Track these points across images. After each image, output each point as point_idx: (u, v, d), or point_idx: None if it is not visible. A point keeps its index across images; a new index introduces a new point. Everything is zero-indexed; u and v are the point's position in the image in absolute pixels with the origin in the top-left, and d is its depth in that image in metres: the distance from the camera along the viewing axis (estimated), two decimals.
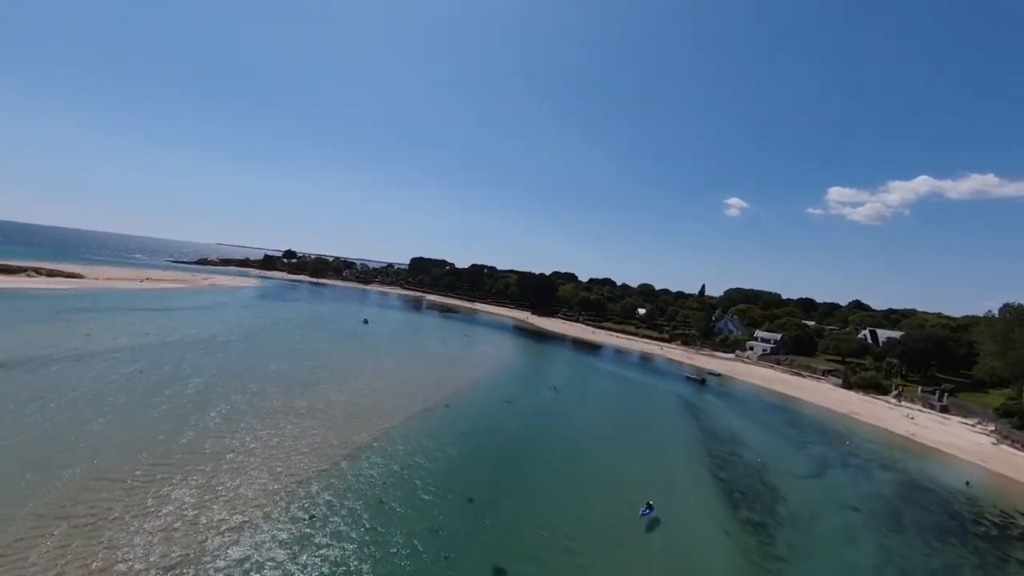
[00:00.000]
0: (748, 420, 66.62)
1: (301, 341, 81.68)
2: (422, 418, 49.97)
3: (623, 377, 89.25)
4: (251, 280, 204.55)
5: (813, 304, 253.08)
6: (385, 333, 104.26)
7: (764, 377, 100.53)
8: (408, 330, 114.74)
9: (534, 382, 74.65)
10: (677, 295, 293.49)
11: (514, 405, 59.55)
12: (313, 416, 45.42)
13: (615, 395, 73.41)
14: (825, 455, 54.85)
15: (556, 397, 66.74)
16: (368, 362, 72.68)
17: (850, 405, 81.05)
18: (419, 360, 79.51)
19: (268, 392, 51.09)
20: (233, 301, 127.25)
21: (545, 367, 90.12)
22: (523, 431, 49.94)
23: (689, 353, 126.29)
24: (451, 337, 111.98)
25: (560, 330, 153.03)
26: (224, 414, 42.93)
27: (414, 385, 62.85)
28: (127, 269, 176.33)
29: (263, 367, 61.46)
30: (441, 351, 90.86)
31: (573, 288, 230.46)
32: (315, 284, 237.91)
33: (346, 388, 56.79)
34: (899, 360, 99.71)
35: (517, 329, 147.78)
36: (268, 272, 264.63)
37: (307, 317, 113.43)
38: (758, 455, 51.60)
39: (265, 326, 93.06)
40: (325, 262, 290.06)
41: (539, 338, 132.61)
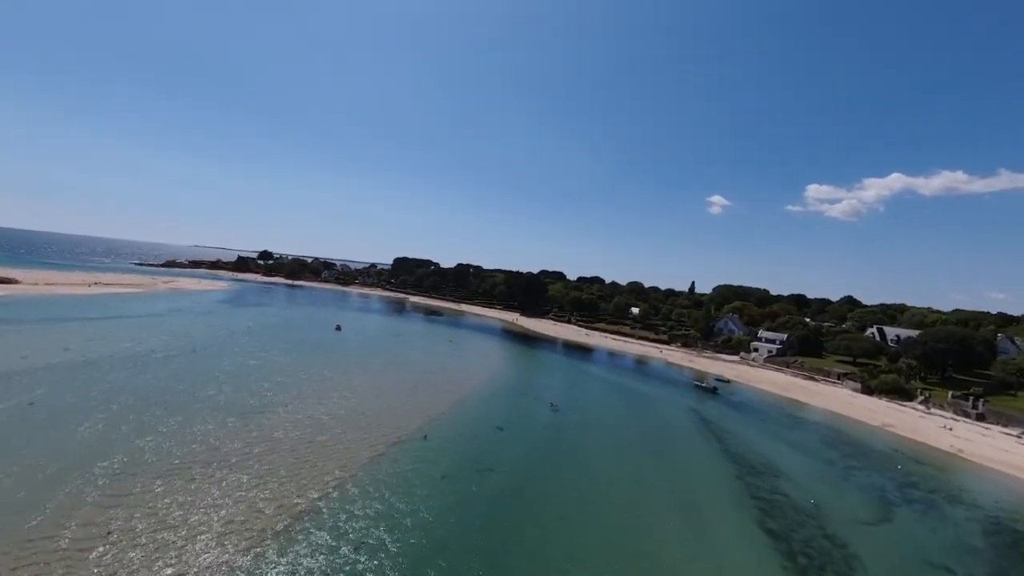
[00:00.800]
0: (777, 440, 57.38)
1: (258, 355, 70.02)
2: (392, 457, 39.29)
3: (627, 388, 79.59)
4: (220, 283, 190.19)
5: (805, 300, 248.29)
6: (360, 341, 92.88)
7: (776, 383, 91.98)
8: (386, 337, 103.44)
9: (528, 398, 64.39)
10: (667, 293, 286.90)
11: (507, 432, 49.15)
12: (245, 467, 34.32)
13: (622, 413, 63.59)
14: (880, 487, 45.72)
15: (555, 419, 56.56)
16: (335, 379, 61.53)
17: (879, 415, 72.71)
18: (395, 374, 68.59)
19: (192, 431, 39.75)
20: (191, 307, 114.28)
21: (539, 378, 79.97)
22: (520, 472, 39.59)
23: (691, 356, 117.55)
24: (434, 344, 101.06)
25: (552, 332, 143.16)
26: (114, 472, 31.58)
27: (387, 408, 52.01)
28: (78, 273, 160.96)
29: (198, 392, 49.90)
30: (422, 362, 79.97)
31: (563, 287, 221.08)
32: (291, 287, 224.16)
33: (301, 418, 45.69)
34: (918, 361, 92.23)
35: (506, 332, 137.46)
36: (241, 274, 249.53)
37: (272, 324, 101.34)
38: (805, 491, 42.17)
39: (219, 336, 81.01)
40: (303, 263, 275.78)
41: (530, 342, 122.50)
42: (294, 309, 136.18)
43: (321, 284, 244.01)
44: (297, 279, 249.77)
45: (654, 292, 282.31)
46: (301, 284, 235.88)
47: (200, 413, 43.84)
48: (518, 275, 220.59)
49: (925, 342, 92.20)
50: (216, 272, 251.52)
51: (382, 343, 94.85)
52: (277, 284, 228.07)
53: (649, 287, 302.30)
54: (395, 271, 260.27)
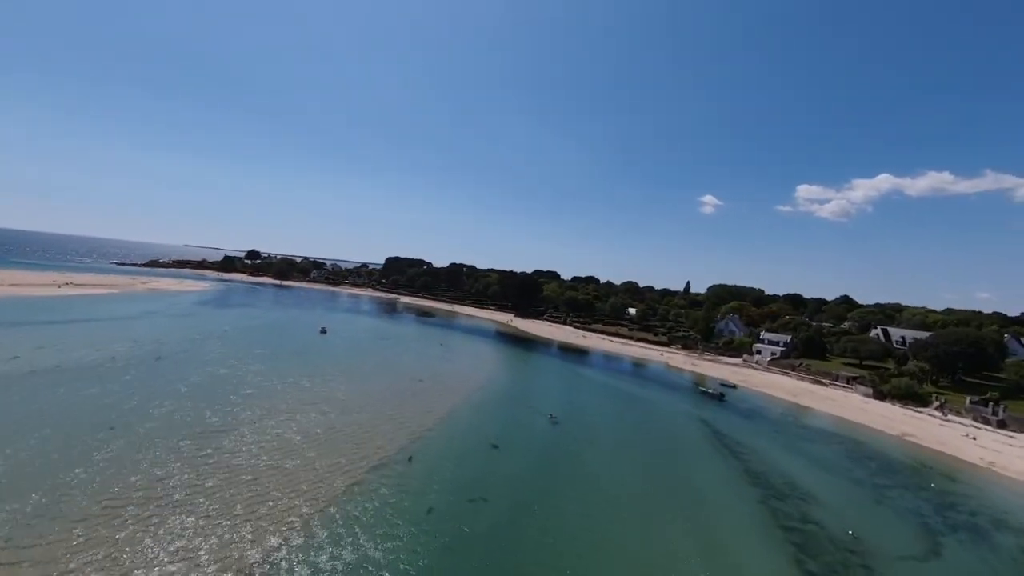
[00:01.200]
0: (796, 454, 52.62)
1: (230, 362, 64.10)
2: (371, 486, 33.87)
3: (629, 395, 74.63)
4: (203, 284, 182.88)
5: (801, 300, 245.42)
6: (345, 345, 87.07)
7: (783, 387, 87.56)
8: (374, 340, 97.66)
9: (525, 409, 59.12)
10: (663, 293, 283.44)
11: (502, 451, 43.87)
12: (192, 505, 28.73)
13: (628, 424, 58.54)
14: (918, 511, 41.04)
15: (555, 432, 51.37)
16: (314, 389, 55.84)
17: (896, 423, 68.40)
18: (381, 382, 63.01)
19: (135, 458, 34.03)
20: (167, 309, 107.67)
21: (536, 385, 74.74)
22: (519, 502, 34.34)
23: (692, 359, 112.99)
24: (424, 348, 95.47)
25: (547, 334, 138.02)
26: (24, 518, 25.87)
27: (369, 423, 46.51)
28: (52, 273, 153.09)
29: (153, 408, 44.06)
30: (411, 367, 74.40)
31: (558, 287, 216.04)
32: (279, 287, 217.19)
33: (268, 438, 40.05)
34: (929, 364, 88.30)
35: (500, 335, 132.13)
36: (227, 274, 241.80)
37: (252, 327, 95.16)
38: (839, 519, 37.34)
39: (192, 342, 74.87)
40: (292, 263, 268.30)
41: (525, 345, 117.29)
42: (278, 311, 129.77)
43: (310, 284, 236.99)
44: (285, 279, 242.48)
45: (649, 292, 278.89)
46: (289, 284, 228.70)
47: (150, 435, 38.06)
48: (512, 275, 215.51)
49: (937, 344, 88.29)
50: (201, 272, 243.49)
51: (369, 347, 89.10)
52: (264, 284, 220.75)
53: (644, 287, 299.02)
54: (386, 271, 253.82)
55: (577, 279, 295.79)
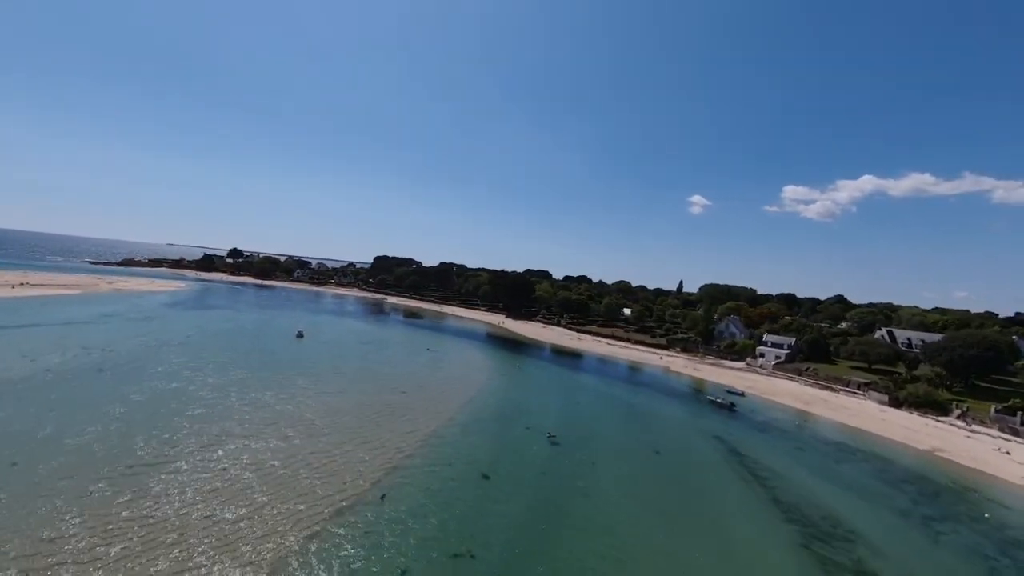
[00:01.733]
0: (826, 478, 46.61)
1: (185, 374, 56.29)
2: (332, 540, 26.87)
3: (633, 406, 68.26)
4: (177, 284, 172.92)
5: (795, 300, 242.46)
6: (323, 352, 79.43)
7: (793, 395, 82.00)
8: (356, 345, 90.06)
9: (520, 426, 52.32)
10: (656, 292, 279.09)
11: (494, 483, 37.06)
12: None
13: (635, 443, 52.00)
14: (981, 551, 35.15)
15: (555, 456, 44.68)
16: (278, 407, 48.41)
17: (921, 435, 63.02)
18: (358, 396, 55.74)
19: (23, 509, 26.53)
20: (129, 311, 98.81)
21: (531, 396, 67.98)
22: (515, 550, 27.55)
23: (693, 363, 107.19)
24: (410, 354, 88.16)
25: (541, 336, 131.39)
26: None
27: (338, 450, 39.35)
28: (10, 273, 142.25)
29: (70, 435, 36.37)
30: (393, 377, 67.16)
31: (550, 287, 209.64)
32: (260, 287, 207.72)
33: (209, 476, 32.71)
34: (945, 369, 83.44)
35: (491, 337, 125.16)
36: (206, 274, 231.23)
37: (220, 331, 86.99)
38: (897, 565, 31.23)
39: (147, 349, 66.80)
40: (275, 262, 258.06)
41: (518, 349, 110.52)
42: (254, 313, 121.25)
43: (293, 284, 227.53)
44: (267, 279, 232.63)
45: (642, 292, 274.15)
46: (271, 284, 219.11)
47: (54, 473, 30.52)
48: (503, 274, 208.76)
49: (952, 348, 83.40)
50: (179, 271, 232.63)
51: (348, 353, 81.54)
52: (245, 284, 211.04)
53: (637, 286, 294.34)
54: (374, 270, 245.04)
55: (569, 279, 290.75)
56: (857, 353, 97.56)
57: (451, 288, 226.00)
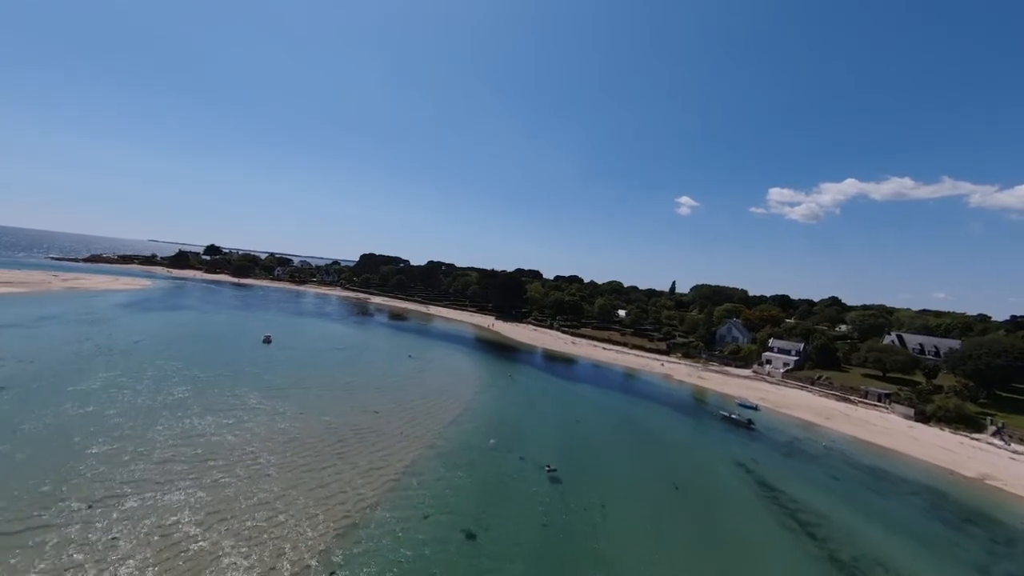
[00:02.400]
0: (877, 521, 38.85)
1: (110, 392, 46.65)
2: None
3: (640, 425, 60.17)
4: (144, 282, 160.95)
5: (790, 301, 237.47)
6: (289, 361, 69.98)
7: (811, 407, 74.75)
8: (329, 352, 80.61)
9: (512, 456, 43.74)
10: (648, 293, 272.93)
11: (483, 544, 28.49)
12: None
13: (649, 475, 43.75)
14: None
15: (556, 497, 36.23)
16: (215, 439, 39.17)
17: (963, 458, 55.97)
18: (319, 418, 46.64)
19: None
20: (76, 312, 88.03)
21: (524, 414, 59.48)
22: None
23: (696, 370, 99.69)
24: (390, 362, 79.07)
25: (533, 340, 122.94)
26: None
27: (282, 501, 30.36)
28: None
29: None
30: (365, 393, 58.13)
31: (542, 287, 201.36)
32: (237, 285, 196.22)
33: (82, 559, 23.50)
34: (971, 379, 76.90)
35: (480, 342, 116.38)
36: (180, 271, 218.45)
37: (175, 337, 76.93)
38: None
39: (77, 359, 56.88)
40: (253, 259, 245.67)
41: (508, 355, 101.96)
42: (222, 313, 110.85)
43: (272, 283, 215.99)
44: (245, 276, 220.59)
45: (634, 292, 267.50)
46: (249, 283, 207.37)
47: None
48: (493, 274, 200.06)
49: (979, 356, 76.84)
50: (150, 269, 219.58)
51: (320, 361, 72.20)
52: (221, 283, 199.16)
53: (628, 287, 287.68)
54: (358, 269, 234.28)
55: (561, 278, 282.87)
56: (871, 360, 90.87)
57: (439, 288, 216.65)
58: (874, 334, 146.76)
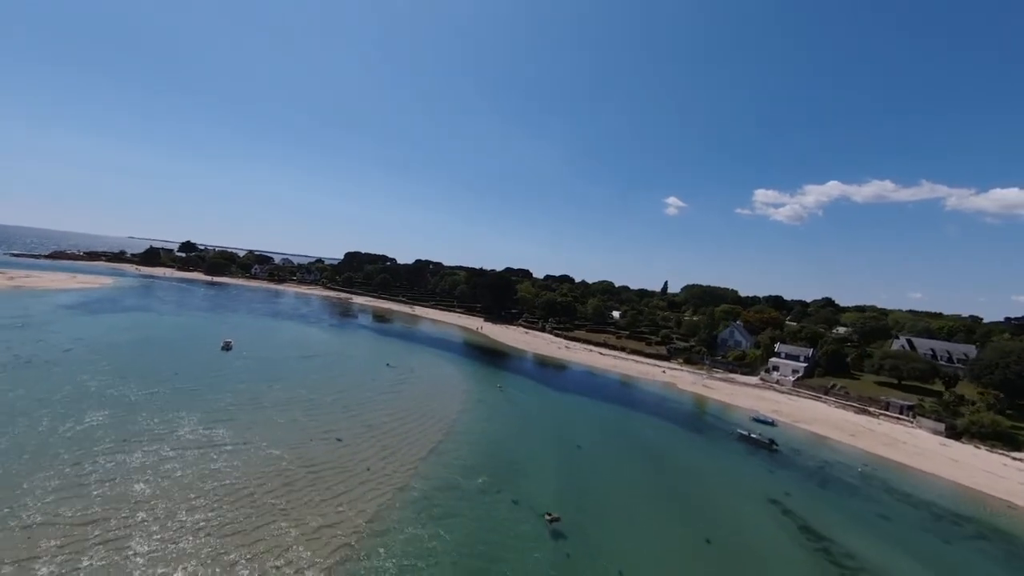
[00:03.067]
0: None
1: (11, 415, 37.07)
2: None
3: (650, 447, 52.30)
4: (106, 279, 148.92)
5: (784, 302, 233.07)
6: (248, 373, 60.58)
7: (831, 422, 67.76)
8: (296, 361, 71.31)
9: (504, 500, 35.35)
10: (640, 293, 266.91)
11: None
12: None
13: (672, 519, 35.71)
14: None
15: (560, 560, 27.91)
16: (118, 489, 30.05)
17: (1014, 484, 49.14)
18: (265, 453, 37.64)
19: None
20: (10, 315, 77.11)
21: (517, 438, 51.15)
22: None
23: (701, 377, 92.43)
24: (365, 372, 70.10)
25: (524, 344, 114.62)
26: None
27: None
28: None
29: None
30: (331, 413, 49.16)
31: (532, 287, 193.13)
32: (210, 284, 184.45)
33: None
34: (999, 389, 70.75)
35: (468, 347, 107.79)
36: (149, 269, 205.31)
37: (120, 344, 66.91)
38: None
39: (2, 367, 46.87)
40: (230, 256, 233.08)
41: (498, 361, 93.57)
42: (184, 315, 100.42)
43: (249, 281, 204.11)
44: (220, 275, 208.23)
45: (626, 292, 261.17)
46: (224, 281, 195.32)
47: None
48: (481, 273, 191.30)
49: (1007, 364, 70.66)
50: (118, 266, 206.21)
51: (284, 373, 62.94)
52: (194, 281, 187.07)
53: (619, 287, 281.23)
54: (341, 267, 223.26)
55: (551, 278, 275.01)
56: (887, 367, 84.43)
57: (425, 288, 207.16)
58: (876, 337, 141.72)
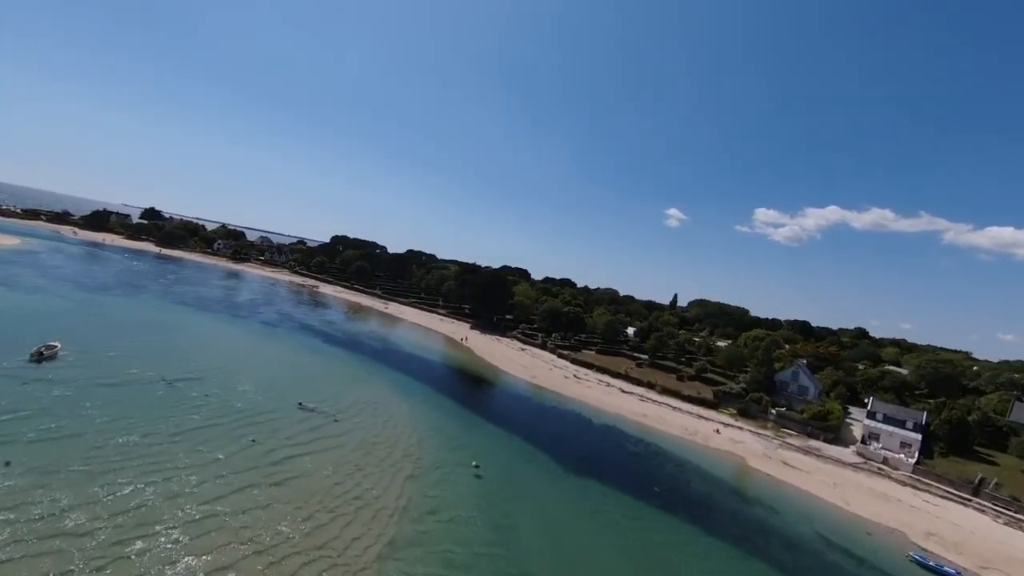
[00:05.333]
0: None
1: None
2: None
3: None
4: (15, 240, 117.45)
5: (810, 329, 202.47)
6: (35, 407, 30.34)
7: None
8: (147, 390, 40.98)
9: None
10: (647, 305, 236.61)
11: None
12: None
13: None
14: None
15: None
16: None
17: None
18: None
19: None
20: None
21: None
22: None
23: (769, 443, 63.12)
24: (250, 419, 39.98)
25: (520, 370, 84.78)
26: None
27: None
28: None
29: None
30: (156, 514, 19.17)
31: (530, 290, 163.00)
32: (158, 256, 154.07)
33: None
34: None
35: (444, 370, 78.10)
36: (91, 233, 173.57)
37: None
38: None
39: None
40: (194, 228, 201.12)
41: (482, 399, 64.15)
42: (47, 294, 69.63)
43: (205, 257, 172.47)
44: (174, 247, 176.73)
45: (632, 303, 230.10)
46: (174, 255, 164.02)
47: None
48: (474, 269, 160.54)
49: None
50: (56, 228, 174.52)
51: (86, 419, 32.82)
52: (140, 252, 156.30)
53: (624, 296, 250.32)
54: (315, 250, 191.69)
55: (551, 280, 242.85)
56: None
57: (410, 281, 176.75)
58: (948, 388, 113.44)
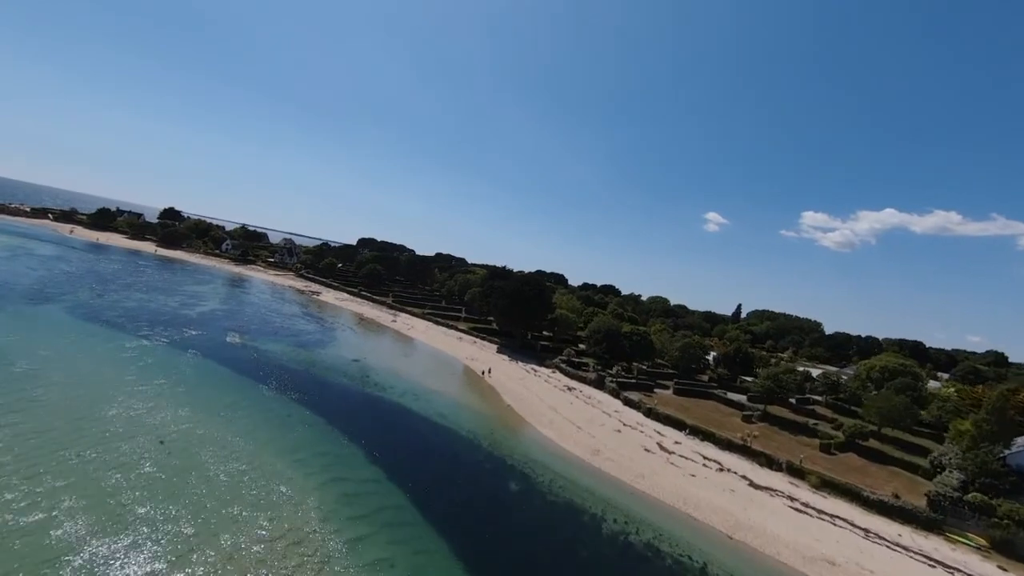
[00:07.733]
0: None
1: None
2: None
3: None
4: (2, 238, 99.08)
5: (923, 351, 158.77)
6: None
7: None
8: None
9: None
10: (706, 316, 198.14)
11: None
12: None
13: None
14: None
15: None
16: None
17: None
18: None
19: None
20: None
21: None
22: None
23: None
24: None
25: (572, 440, 54.58)
26: None
27: None
28: None
29: None
30: None
31: (576, 301, 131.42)
32: (157, 257, 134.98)
33: None
34: None
35: (445, 436, 48.96)
36: (94, 233, 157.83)
37: None
38: None
39: None
40: (203, 228, 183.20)
41: (516, 536, 34.35)
42: None
43: (206, 259, 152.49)
44: (176, 247, 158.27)
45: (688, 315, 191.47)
46: (175, 256, 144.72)
47: None
48: (504, 273, 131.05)
49: None
50: (59, 226, 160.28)
51: None
52: (138, 252, 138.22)
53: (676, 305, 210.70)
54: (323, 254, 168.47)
55: (590, 287, 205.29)
56: None
57: (430, 287, 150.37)
58: None
